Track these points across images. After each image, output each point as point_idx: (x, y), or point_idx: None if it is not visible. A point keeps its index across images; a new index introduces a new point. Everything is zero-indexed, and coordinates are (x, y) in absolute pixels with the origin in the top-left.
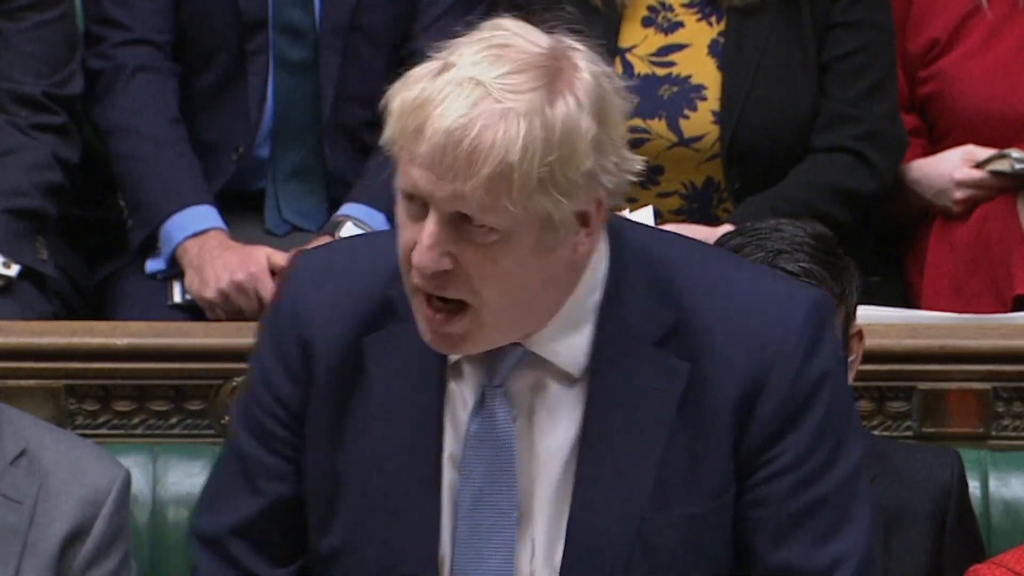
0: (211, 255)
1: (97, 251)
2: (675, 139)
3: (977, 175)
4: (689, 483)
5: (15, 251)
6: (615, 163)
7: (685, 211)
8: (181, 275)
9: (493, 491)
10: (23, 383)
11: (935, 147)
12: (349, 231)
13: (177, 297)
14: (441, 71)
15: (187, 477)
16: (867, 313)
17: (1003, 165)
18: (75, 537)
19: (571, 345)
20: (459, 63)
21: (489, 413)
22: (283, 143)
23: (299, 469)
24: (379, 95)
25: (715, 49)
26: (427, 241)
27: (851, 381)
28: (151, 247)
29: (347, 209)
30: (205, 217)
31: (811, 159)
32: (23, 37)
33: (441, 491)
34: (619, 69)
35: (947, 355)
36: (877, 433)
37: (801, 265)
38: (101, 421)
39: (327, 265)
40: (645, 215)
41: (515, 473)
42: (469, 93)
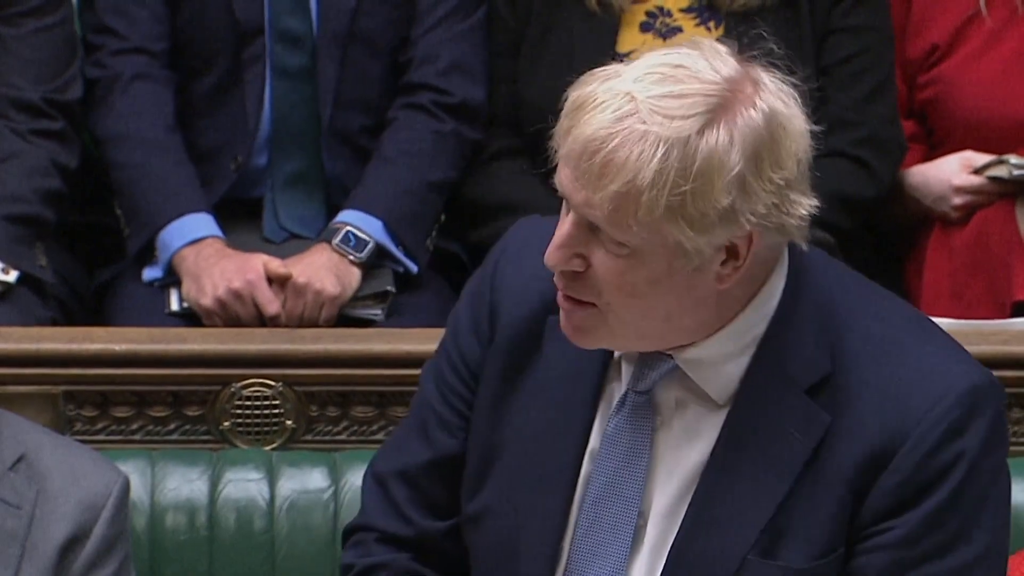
0: (208, 263)
1: (95, 257)
2: None
3: (976, 181)
4: (798, 536)
5: (14, 257)
6: (772, 204)
7: None
8: (178, 283)
9: (618, 492)
10: (22, 389)
11: (934, 152)
12: (347, 238)
13: (174, 305)
14: (611, 76)
15: (185, 483)
16: None
17: (1001, 171)
18: (74, 542)
19: (723, 373)
20: (627, 73)
21: (627, 416)
22: (281, 150)
23: (468, 427)
24: (377, 101)
25: None
26: (558, 240)
27: None
28: (148, 255)
29: (345, 216)
30: (202, 225)
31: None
32: (23, 43)
33: (578, 483)
34: None
35: None
36: None
37: None
38: (99, 427)
39: (535, 241)
40: None
41: (643, 479)
42: (619, 107)
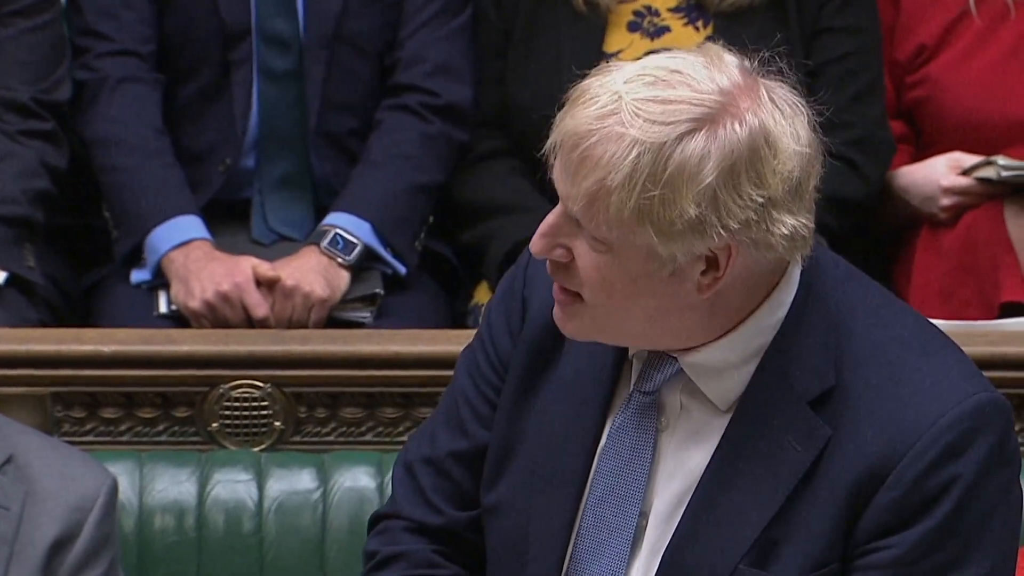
0: (196, 266)
1: (84, 259)
2: None
3: (964, 182)
4: (792, 548)
5: (2, 258)
6: (749, 220)
7: None
8: (167, 285)
9: (620, 491)
10: (10, 390)
11: (922, 153)
12: (335, 240)
13: (163, 308)
14: (612, 71)
15: (174, 484)
16: None
17: (990, 172)
18: (62, 544)
19: (726, 380)
20: (623, 72)
21: (632, 415)
22: (269, 153)
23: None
24: (364, 103)
25: None
26: (542, 228)
27: None
28: (136, 257)
29: (332, 219)
30: (190, 227)
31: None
32: (11, 43)
33: (588, 479)
34: None
35: None
36: None
37: None
38: (88, 428)
39: None
40: None
41: (645, 479)
42: (605, 104)
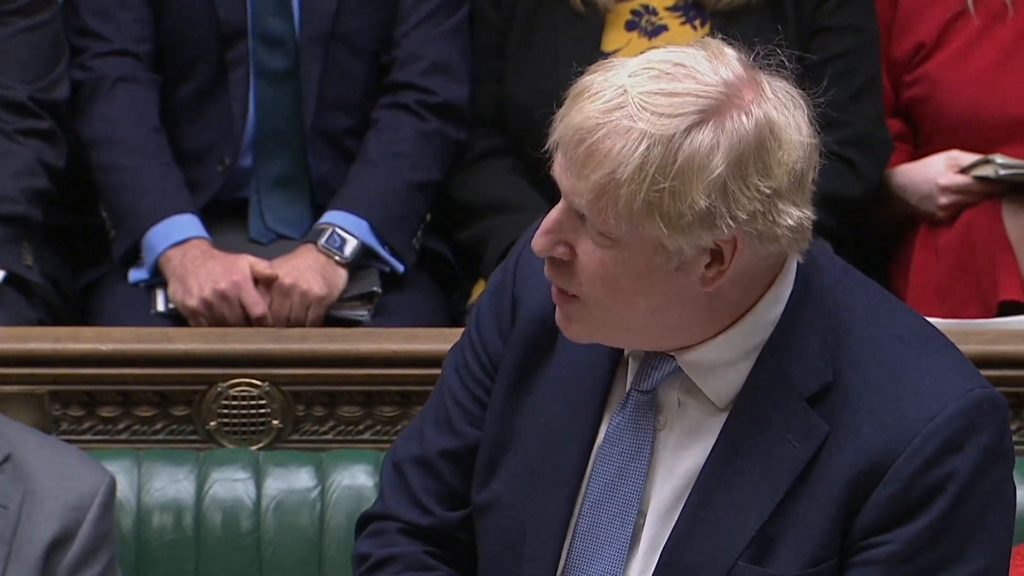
0: (194, 264)
1: (82, 257)
2: None
3: (962, 180)
4: (790, 544)
5: (0, 257)
6: (756, 211)
7: None
8: (164, 284)
9: (618, 491)
10: (8, 389)
11: (920, 152)
12: (332, 238)
13: (160, 306)
14: (615, 67)
15: (172, 483)
16: None
17: (987, 170)
18: (60, 543)
19: (724, 377)
20: (626, 66)
21: (629, 415)
22: (266, 152)
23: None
24: (360, 102)
25: None
26: (545, 225)
27: None
28: (134, 256)
29: (330, 217)
30: (187, 226)
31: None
32: (9, 42)
33: (584, 478)
34: None
35: None
36: None
37: None
38: (86, 427)
39: None
40: None
41: (643, 479)
42: (611, 98)
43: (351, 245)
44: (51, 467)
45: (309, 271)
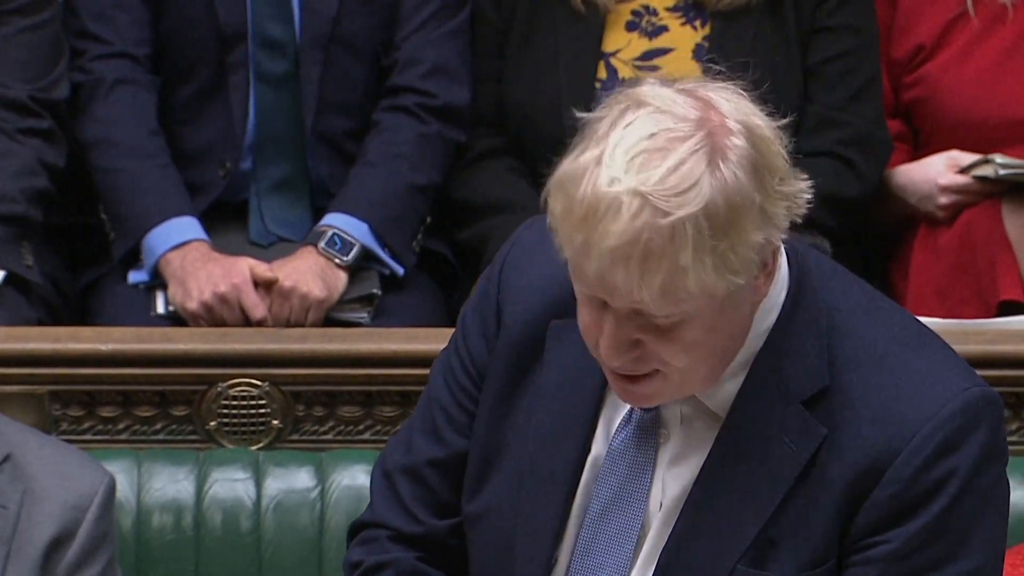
0: (194, 267)
1: (81, 258)
2: None
3: (961, 180)
4: (789, 547)
5: (0, 257)
6: (785, 209)
7: None
8: (164, 286)
9: (621, 508)
10: (7, 389)
11: (920, 152)
12: (333, 241)
13: (160, 308)
14: (598, 169)
15: (172, 483)
16: None
17: (987, 170)
18: (59, 543)
19: (725, 386)
20: (613, 161)
21: (634, 431)
22: (265, 156)
23: (471, 419)
24: (360, 105)
25: (699, 53)
26: (610, 341)
27: None
28: (134, 258)
29: (330, 219)
30: (187, 229)
31: (796, 163)
32: (9, 42)
33: (577, 490)
34: (603, 74)
35: None
36: None
37: None
38: (86, 427)
39: (544, 242)
40: None
41: (647, 495)
42: (630, 205)
43: (351, 248)
44: (51, 467)
45: (309, 273)
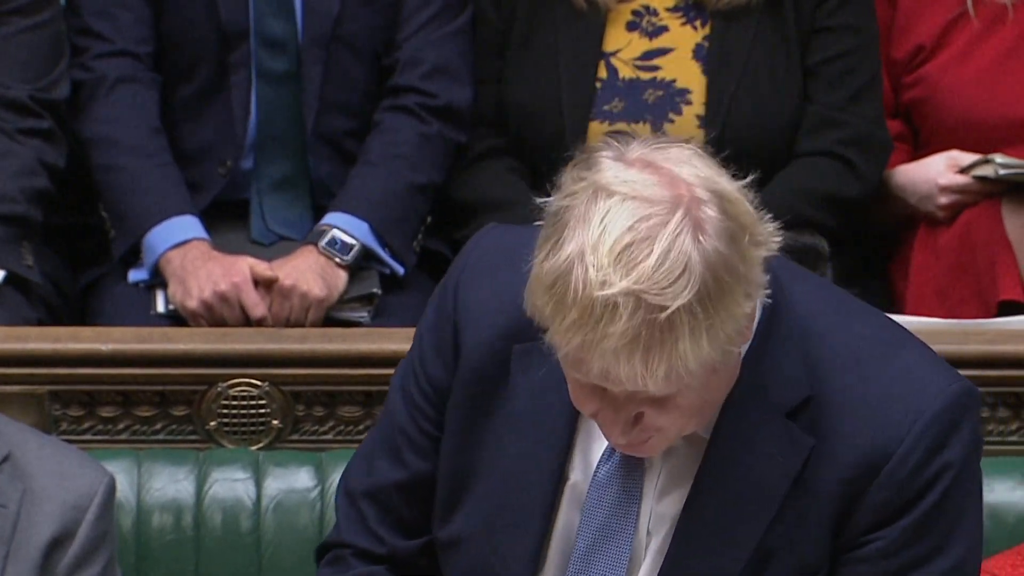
0: (194, 265)
1: (81, 257)
2: None
3: (961, 180)
4: (787, 555)
5: (0, 257)
6: (763, 262)
7: None
8: (164, 285)
9: (609, 541)
10: (7, 389)
11: (920, 152)
12: (333, 240)
13: (160, 307)
14: (583, 265)
15: (172, 483)
16: None
17: (987, 170)
18: (59, 543)
19: (709, 408)
20: (599, 260)
21: (617, 464)
22: (266, 155)
23: (436, 443)
24: (361, 105)
25: (699, 53)
26: (612, 423)
27: None
28: (134, 257)
29: (331, 218)
30: (187, 227)
31: (796, 163)
32: (10, 42)
33: (556, 517)
34: (603, 73)
35: None
36: None
37: None
38: (86, 427)
39: (501, 257)
40: None
41: (635, 527)
42: (626, 305)
43: (352, 247)
44: (50, 467)
45: (309, 273)
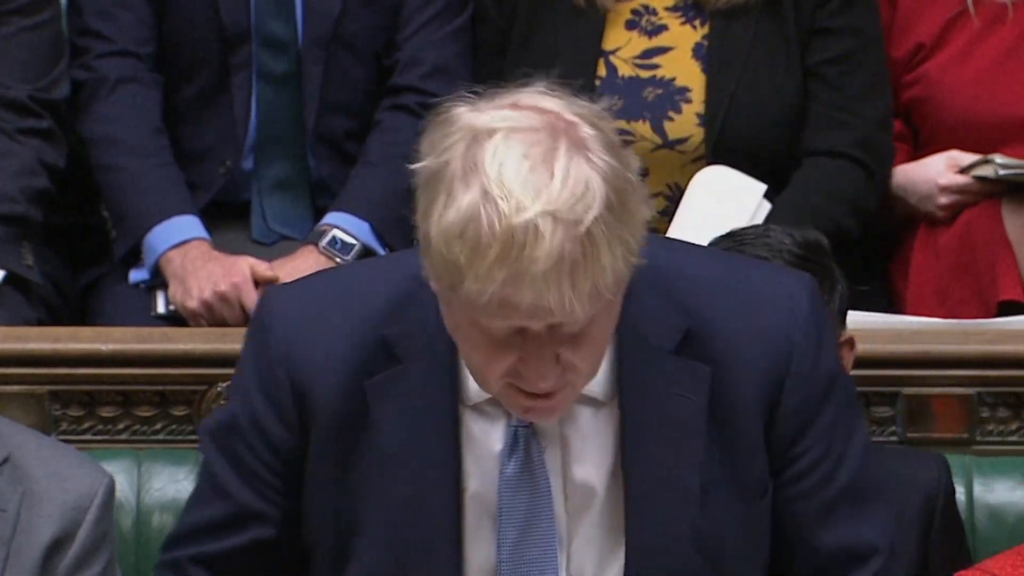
0: (194, 265)
1: (81, 258)
2: (660, 141)
3: (961, 180)
4: (731, 484)
5: (0, 257)
6: (641, 174)
7: (670, 212)
8: (164, 286)
9: (534, 531)
10: (7, 389)
11: (919, 152)
12: (334, 240)
13: (160, 308)
14: (490, 202)
15: (172, 483)
16: (852, 318)
17: (987, 170)
18: (59, 544)
19: None
20: (508, 191)
21: (524, 453)
22: (267, 156)
23: (286, 513)
24: (362, 105)
25: (699, 52)
26: (538, 366)
27: None
28: (134, 257)
29: (331, 218)
30: (188, 227)
31: (819, 167)
32: (9, 42)
33: (463, 531)
34: (603, 71)
35: (931, 360)
36: None
37: None
38: (85, 427)
39: (315, 308)
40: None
41: (554, 509)
42: (545, 227)
43: (352, 247)
44: (50, 469)
45: (309, 272)
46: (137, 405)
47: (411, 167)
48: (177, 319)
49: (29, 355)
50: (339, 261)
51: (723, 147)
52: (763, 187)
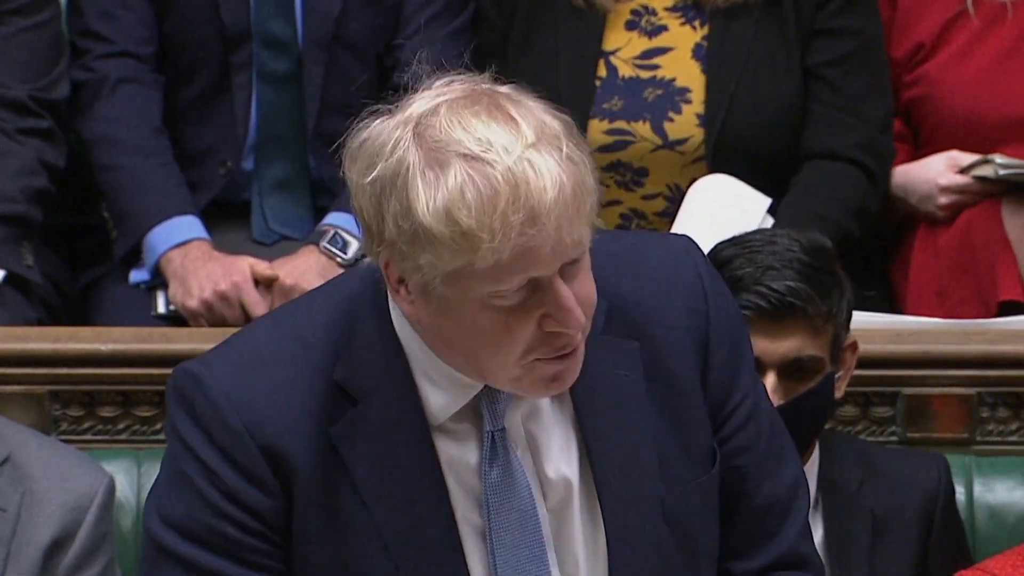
0: (195, 265)
1: (81, 258)
2: (660, 142)
3: (961, 180)
4: (684, 453)
5: (0, 257)
6: None
7: (670, 213)
8: (165, 286)
9: (526, 531)
10: (7, 389)
11: (919, 152)
12: (335, 239)
13: (161, 308)
14: (475, 159)
15: None
16: (852, 318)
17: (987, 170)
18: (59, 544)
19: None
20: (488, 142)
21: (504, 459)
22: (267, 156)
23: (279, 573)
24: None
25: (699, 52)
26: (570, 304)
27: (841, 394)
28: (135, 257)
29: (332, 219)
30: (188, 227)
31: (821, 171)
32: (9, 42)
33: (465, 555)
34: (603, 72)
35: (932, 360)
36: (862, 438)
37: (787, 284)
38: (86, 427)
39: (252, 372)
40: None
41: (537, 508)
42: (539, 157)
43: (353, 247)
44: (50, 469)
45: (310, 272)
46: (137, 405)
47: (361, 183)
48: (177, 319)
49: (29, 355)
50: (340, 261)
51: (723, 147)
52: (768, 201)
